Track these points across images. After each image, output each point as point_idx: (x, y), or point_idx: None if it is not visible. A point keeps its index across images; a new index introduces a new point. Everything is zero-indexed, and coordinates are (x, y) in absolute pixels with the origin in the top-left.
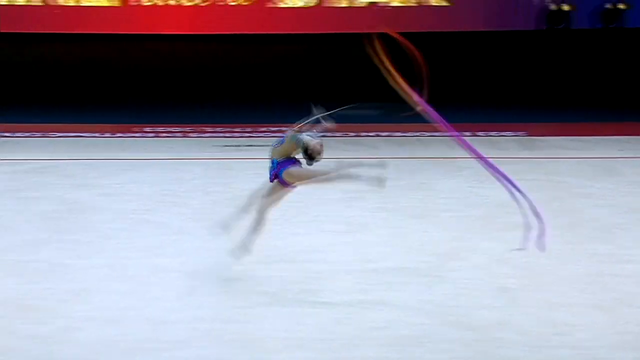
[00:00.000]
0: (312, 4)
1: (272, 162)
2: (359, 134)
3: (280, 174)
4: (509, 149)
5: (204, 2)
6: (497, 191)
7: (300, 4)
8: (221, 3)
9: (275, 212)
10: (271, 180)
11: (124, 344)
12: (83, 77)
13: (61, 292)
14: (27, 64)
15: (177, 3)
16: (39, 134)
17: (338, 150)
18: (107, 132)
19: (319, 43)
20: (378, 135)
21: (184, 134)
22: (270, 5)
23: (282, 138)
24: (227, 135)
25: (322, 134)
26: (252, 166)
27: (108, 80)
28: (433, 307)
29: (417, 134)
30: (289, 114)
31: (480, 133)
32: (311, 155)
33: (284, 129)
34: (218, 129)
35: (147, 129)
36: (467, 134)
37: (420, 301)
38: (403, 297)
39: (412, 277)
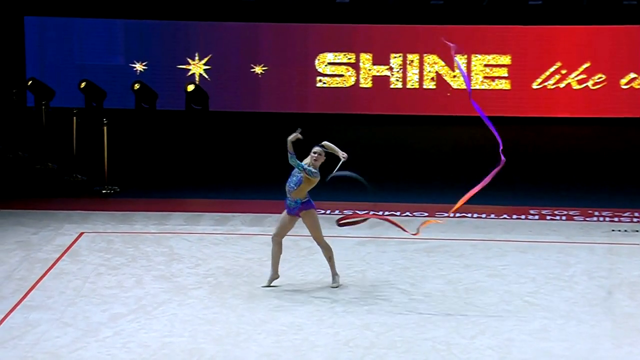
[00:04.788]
0: None
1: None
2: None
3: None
4: None
5: (594, 85)
6: None
7: None
8: (613, 86)
9: None
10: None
11: None
12: (471, 159)
13: None
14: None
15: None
16: (417, 213)
17: None
18: (492, 213)
19: None
20: None
21: (569, 217)
22: None
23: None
24: (615, 219)
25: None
26: (639, 252)
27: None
28: None
29: None
30: None
31: None
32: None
33: None
34: (604, 213)
35: (532, 212)
36: None
37: None
38: None
39: None
